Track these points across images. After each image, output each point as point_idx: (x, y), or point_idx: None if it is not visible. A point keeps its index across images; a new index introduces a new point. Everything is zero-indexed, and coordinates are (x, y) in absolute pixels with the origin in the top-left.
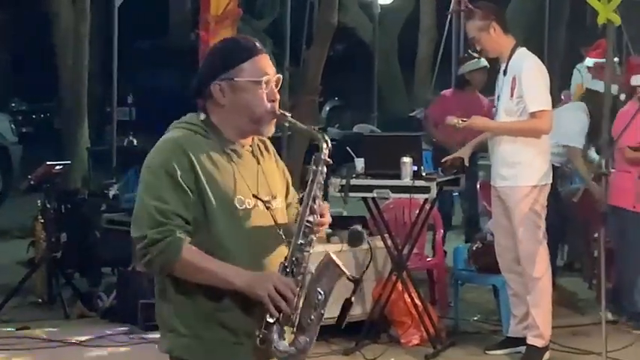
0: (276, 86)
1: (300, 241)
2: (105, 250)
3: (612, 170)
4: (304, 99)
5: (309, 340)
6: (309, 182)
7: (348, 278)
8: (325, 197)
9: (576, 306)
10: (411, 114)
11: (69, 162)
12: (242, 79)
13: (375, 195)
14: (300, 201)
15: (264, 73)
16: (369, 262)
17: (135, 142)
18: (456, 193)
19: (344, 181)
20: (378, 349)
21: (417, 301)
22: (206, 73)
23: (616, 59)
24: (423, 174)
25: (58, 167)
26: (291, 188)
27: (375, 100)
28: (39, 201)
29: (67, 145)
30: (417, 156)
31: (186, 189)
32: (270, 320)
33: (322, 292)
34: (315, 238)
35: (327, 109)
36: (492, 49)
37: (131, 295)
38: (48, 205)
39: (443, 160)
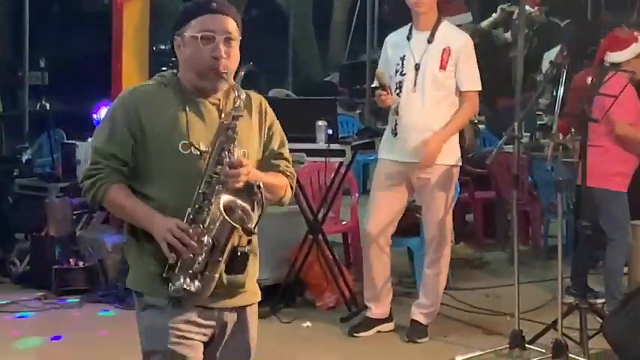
0: (226, 46)
1: (204, 190)
2: (18, 215)
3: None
4: None
5: (201, 285)
6: (215, 133)
7: (243, 229)
8: None
9: (489, 268)
10: (326, 78)
11: None
12: (187, 34)
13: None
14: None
15: (205, 29)
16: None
17: (48, 106)
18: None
19: None
20: (294, 312)
21: (332, 265)
22: (172, 28)
23: None
24: (338, 138)
25: None
26: (274, 143)
27: (290, 64)
28: None
29: None
30: (331, 120)
31: (127, 133)
32: (171, 262)
33: (210, 241)
34: (221, 189)
35: (242, 73)
36: (429, 7)
37: (45, 261)
38: None
39: None
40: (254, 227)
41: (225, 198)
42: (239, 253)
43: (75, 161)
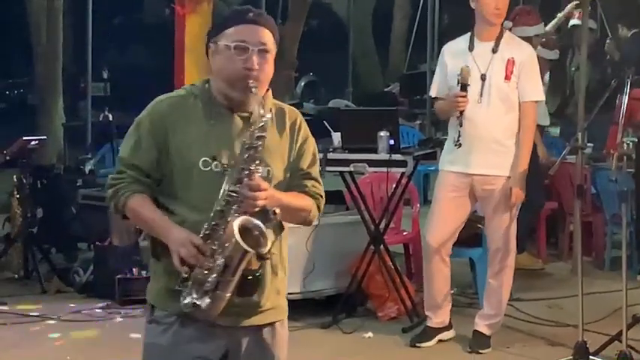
0: (260, 57)
1: (221, 207)
2: (81, 225)
3: None
4: (280, 74)
5: (210, 302)
6: (239, 152)
7: (256, 254)
8: None
9: (551, 279)
10: (385, 89)
11: (44, 137)
12: (221, 43)
13: (352, 169)
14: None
15: (239, 39)
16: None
17: (110, 117)
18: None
19: (321, 155)
20: (355, 322)
21: (394, 275)
22: (207, 34)
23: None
24: (400, 148)
25: (33, 143)
26: (304, 161)
27: (350, 75)
28: (14, 176)
29: (41, 121)
30: (393, 130)
31: (152, 145)
32: (185, 275)
33: (222, 261)
34: (238, 209)
35: (302, 84)
36: (504, 18)
37: (108, 271)
38: (24, 181)
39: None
40: (267, 253)
41: (241, 219)
42: (249, 277)
43: None
